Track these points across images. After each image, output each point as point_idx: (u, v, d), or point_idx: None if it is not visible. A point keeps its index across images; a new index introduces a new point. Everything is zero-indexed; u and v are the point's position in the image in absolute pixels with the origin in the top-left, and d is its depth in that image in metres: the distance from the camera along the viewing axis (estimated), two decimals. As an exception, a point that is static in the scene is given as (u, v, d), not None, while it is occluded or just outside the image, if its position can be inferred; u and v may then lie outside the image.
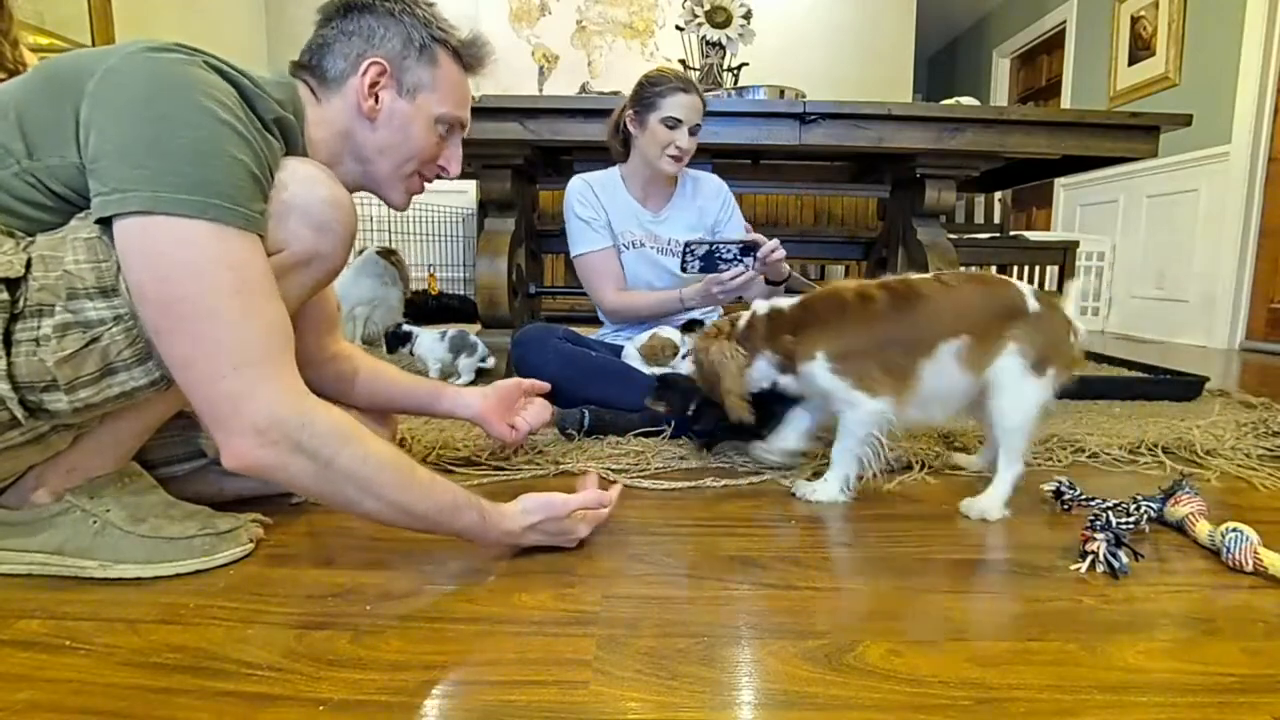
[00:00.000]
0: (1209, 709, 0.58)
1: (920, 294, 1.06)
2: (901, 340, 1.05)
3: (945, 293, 1.06)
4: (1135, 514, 0.93)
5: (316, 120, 0.87)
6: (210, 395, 0.69)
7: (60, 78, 0.71)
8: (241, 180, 0.71)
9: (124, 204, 0.67)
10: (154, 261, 0.67)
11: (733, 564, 0.87)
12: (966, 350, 1.03)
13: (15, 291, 0.67)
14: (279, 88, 0.84)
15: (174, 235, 0.67)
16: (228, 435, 0.70)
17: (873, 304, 1.07)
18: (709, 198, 1.74)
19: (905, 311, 1.06)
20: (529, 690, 0.60)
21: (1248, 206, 3.40)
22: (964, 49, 6.43)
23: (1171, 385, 2.03)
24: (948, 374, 1.05)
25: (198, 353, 0.69)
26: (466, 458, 1.27)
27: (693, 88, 1.57)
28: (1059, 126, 2.05)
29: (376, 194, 0.97)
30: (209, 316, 0.68)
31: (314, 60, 0.87)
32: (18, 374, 0.67)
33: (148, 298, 0.68)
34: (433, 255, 4.63)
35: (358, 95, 0.87)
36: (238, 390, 0.69)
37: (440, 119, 0.93)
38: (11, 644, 0.65)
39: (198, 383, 0.69)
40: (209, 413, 0.70)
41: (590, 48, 4.49)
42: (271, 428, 0.69)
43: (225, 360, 0.68)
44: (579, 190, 1.72)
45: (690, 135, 1.60)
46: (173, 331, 0.69)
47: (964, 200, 3.45)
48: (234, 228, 0.70)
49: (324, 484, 0.73)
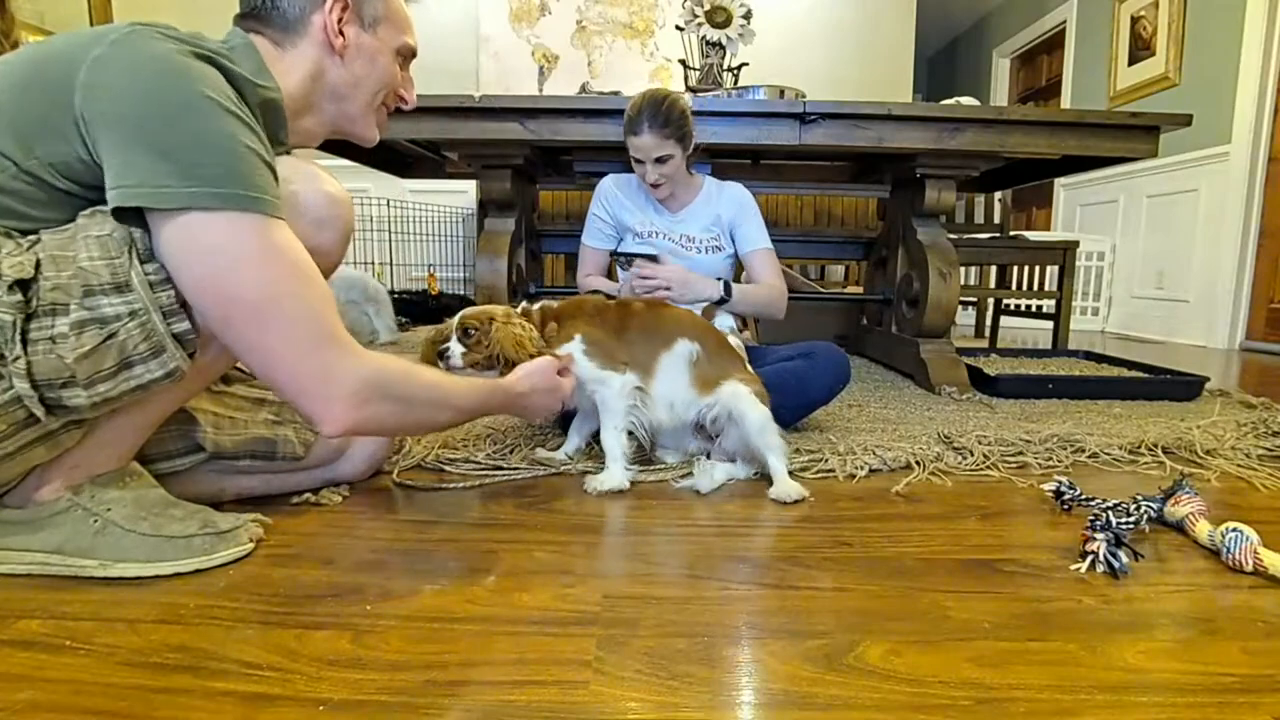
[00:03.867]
0: (1209, 709, 0.58)
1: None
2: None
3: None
4: (1135, 514, 0.93)
5: (284, 71, 0.87)
6: (296, 375, 0.75)
7: (46, 70, 0.71)
8: (260, 168, 0.73)
9: (157, 199, 0.67)
10: (207, 258, 0.70)
11: (733, 564, 0.87)
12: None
13: (28, 292, 0.67)
14: (247, 56, 0.83)
15: (219, 229, 0.69)
16: (326, 406, 0.77)
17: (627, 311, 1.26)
18: (727, 203, 1.76)
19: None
20: (529, 690, 0.60)
21: (1248, 206, 3.40)
22: (964, 49, 6.43)
23: (1171, 385, 2.03)
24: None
25: (273, 339, 0.73)
26: (465, 457, 1.27)
27: (644, 127, 1.59)
28: (1059, 126, 2.05)
29: (349, 132, 0.97)
30: (275, 303, 0.72)
31: (266, 3, 0.86)
32: (36, 372, 0.68)
33: (205, 295, 0.71)
34: (433, 255, 4.63)
35: (326, 33, 0.87)
36: (320, 367, 0.75)
37: (400, 49, 0.96)
38: (11, 644, 0.65)
39: (280, 367, 0.75)
40: (297, 391, 0.76)
41: (590, 48, 4.49)
42: (361, 388, 0.77)
43: (303, 340, 0.74)
44: (605, 189, 1.81)
45: (659, 164, 1.63)
46: (245, 322, 0.72)
47: (964, 200, 3.44)
48: (265, 214, 0.72)
49: (410, 417, 0.88)
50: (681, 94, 1.69)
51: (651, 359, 1.21)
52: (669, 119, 1.58)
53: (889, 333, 2.52)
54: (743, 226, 1.74)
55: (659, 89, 1.70)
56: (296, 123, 0.90)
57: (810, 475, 1.23)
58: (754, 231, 1.75)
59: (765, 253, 1.74)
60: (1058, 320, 3.12)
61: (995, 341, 3.50)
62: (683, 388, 1.21)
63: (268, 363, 0.75)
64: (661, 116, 1.58)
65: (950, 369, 2.10)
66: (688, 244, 1.73)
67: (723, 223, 1.74)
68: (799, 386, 1.48)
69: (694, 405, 1.21)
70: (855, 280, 3.84)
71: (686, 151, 1.66)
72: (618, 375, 1.18)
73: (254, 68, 0.82)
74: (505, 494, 1.13)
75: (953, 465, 1.28)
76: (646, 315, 1.26)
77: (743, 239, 1.75)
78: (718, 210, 1.75)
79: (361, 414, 0.78)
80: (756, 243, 1.74)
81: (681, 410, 1.22)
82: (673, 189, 1.72)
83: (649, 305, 1.29)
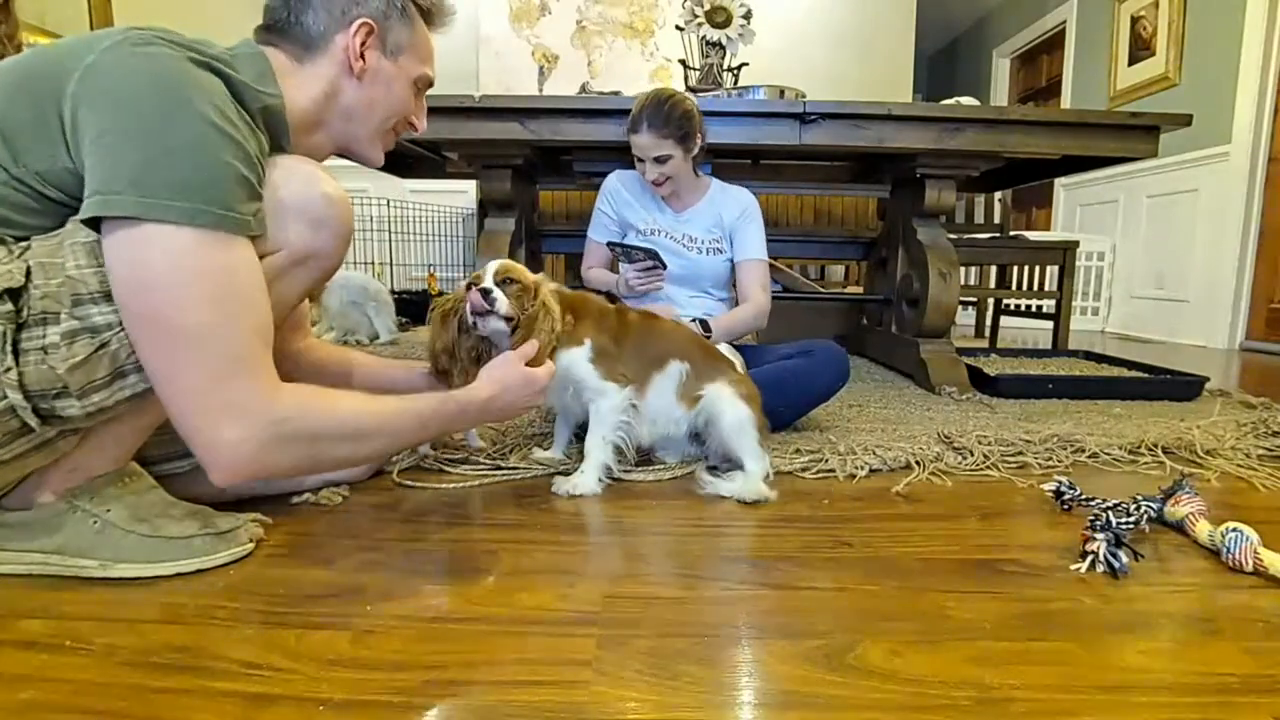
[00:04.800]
0: (1209, 709, 0.58)
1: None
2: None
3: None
4: (1135, 514, 0.93)
5: (297, 84, 0.86)
6: (189, 413, 0.70)
7: (37, 78, 0.70)
8: (230, 183, 0.71)
9: (108, 207, 0.66)
10: (137, 271, 0.67)
11: (733, 564, 0.87)
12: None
13: (18, 301, 0.66)
14: (252, 63, 0.82)
15: (159, 243, 0.67)
16: (214, 457, 0.71)
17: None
18: (730, 206, 1.76)
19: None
20: (529, 690, 0.60)
21: (1248, 206, 3.40)
22: (964, 49, 6.43)
23: (1171, 385, 2.03)
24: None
25: (176, 369, 0.69)
26: (465, 457, 1.27)
27: (644, 126, 1.60)
28: (1059, 126, 2.05)
29: (354, 152, 0.97)
30: (186, 333, 0.68)
31: (291, 18, 0.86)
32: (28, 383, 0.67)
33: (129, 308, 0.68)
34: (433, 255, 4.63)
35: (348, 54, 0.87)
36: (214, 408, 0.70)
37: (417, 79, 0.95)
38: (11, 644, 0.65)
39: (174, 400, 0.70)
40: (187, 432, 0.71)
41: (590, 48, 4.48)
42: (251, 436, 0.71)
43: (204, 376, 0.69)
44: (610, 185, 1.82)
45: (658, 163, 1.64)
46: (155, 342, 0.69)
47: (964, 200, 3.44)
48: (222, 232, 0.69)
49: (323, 456, 0.79)
50: (687, 95, 1.69)
51: (645, 376, 1.20)
52: (668, 119, 1.59)
53: (889, 333, 2.52)
54: (742, 232, 1.75)
55: (665, 89, 1.70)
56: (305, 138, 0.89)
57: (810, 475, 1.23)
58: (751, 239, 1.75)
59: (757, 264, 1.74)
60: (1058, 320, 3.12)
61: (995, 341, 3.50)
62: (670, 404, 1.21)
63: (167, 392, 0.70)
64: (661, 117, 1.59)
65: (950, 369, 2.10)
66: (689, 244, 1.73)
67: (724, 225, 1.75)
68: (799, 384, 1.48)
69: (683, 420, 1.22)
70: (855, 280, 3.84)
71: (690, 153, 1.66)
72: (618, 389, 1.16)
73: (256, 76, 0.81)
74: (505, 494, 1.13)
75: (953, 465, 1.28)
76: (642, 329, 1.24)
77: (740, 245, 1.75)
78: (720, 212, 1.75)
79: (260, 463, 0.73)
80: (751, 252, 1.74)
81: (667, 426, 1.23)
82: (676, 188, 1.73)
83: (644, 318, 1.28)
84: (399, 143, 1.08)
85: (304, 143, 0.90)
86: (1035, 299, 3.50)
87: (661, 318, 1.32)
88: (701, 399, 1.20)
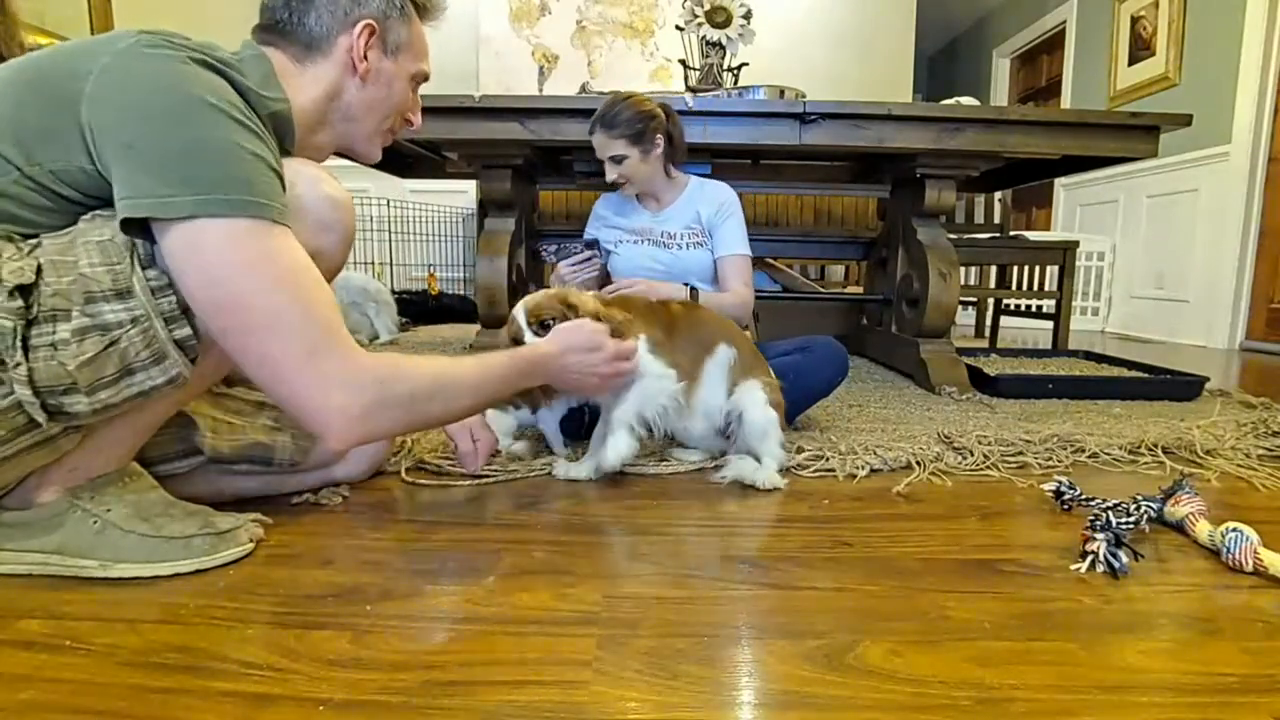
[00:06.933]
0: (1209, 709, 0.58)
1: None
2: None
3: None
4: (1135, 514, 0.93)
5: (299, 87, 0.87)
6: (295, 390, 0.73)
7: (49, 80, 0.70)
8: (266, 175, 0.72)
9: (167, 209, 0.67)
10: (207, 265, 0.69)
11: (733, 564, 0.87)
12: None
13: (29, 297, 0.67)
14: (257, 66, 0.83)
15: (222, 237, 0.69)
16: (327, 421, 0.75)
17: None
18: (708, 202, 1.77)
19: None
20: (529, 690, 0.60)
21: (1248, 206, 3.40)
22: (964, 49, 6.43)
23: (1171, 385, 2.03)
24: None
25: (271, 350, 0.72)
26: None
27: (596, 127, 1.67)
28: (1059, 126, 2.05)
29: (354, 151, 0.98)
30: (273, 312, 0.71)
31: (293, 18, 0.86)
32: (37, 379, 0.67)
33: (205, 304, 0.70)
34: (433, 255, 4.63)
35: (350, 55, 0.87)
36: (319, 380, 0.73)
37: (415, 75, 0.96)
38: (11, 644, 0.65)
39: (280, 379, 0.73)
40: (298, 407, 0.75)
41: (590, 48, 4.48)
42: (356, 402, 0.75)
43: (302, 351, 0.72)
44: (596, 211, 1.91)
45: (614, 163, 1.69)
46: (244, 331, 0.71)
47: (964, 200, 3.44)
48: (270, 219, 0.71)
49: (419, 415, 0.83)
50: (648, 99, 1.70)
51: (698, 363, 1.20)
52: (616, 121, 1.65)
53: (889, 333, 2.52)
54: (721, 228, 1.75)
55: (624, 92, 1.73)
56: (307, 139, 0.90)
57: (810, 475, 1.23)
58: (730, 235, 1.75)
59: (738, 259, 1.74)
60: (1058, 320, 3.12)
61: (995, 341, 3.49)
62: (719, 394, 1.22)
63: (267, 374, 0.74)
64: (609, 119, 1.65)
65: (950, 369, 2.10)
66: (669, 240, 1.75)
67: (702, 220, 1.76)
68: (797, 380, 1.48)
69: (724, 411, 1.22)
70: (855, 280, 3.84)
71: (648, 153, 1.69)
72: (676, 376, 1.16)
73: (261, 79, 0.81)
74: (505, 494, 1.13)
75: (953, 465, 1.28)
76: (688, 318, 1.25)
77: (719, 241, 1.75)
78: (698, 208, 1.76)
79: (366, 426, 0.77)
80: (731, 247, 1.74)
81: (713, 417, 1.23)
82: (650, 188, 1.77)
83: (687, 309, 1.29)
84: (398, 142, 1.08)
85: (306, 143, 0.90)
86: (1035, 299, 3.50)
87: (702, 308, 1.36)
88: (736, 391, 1.21)
